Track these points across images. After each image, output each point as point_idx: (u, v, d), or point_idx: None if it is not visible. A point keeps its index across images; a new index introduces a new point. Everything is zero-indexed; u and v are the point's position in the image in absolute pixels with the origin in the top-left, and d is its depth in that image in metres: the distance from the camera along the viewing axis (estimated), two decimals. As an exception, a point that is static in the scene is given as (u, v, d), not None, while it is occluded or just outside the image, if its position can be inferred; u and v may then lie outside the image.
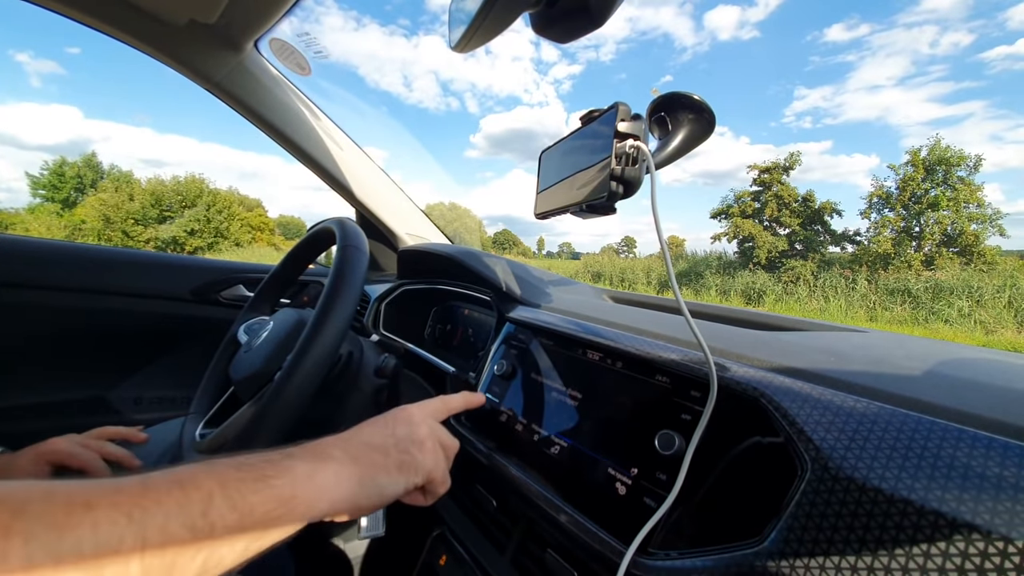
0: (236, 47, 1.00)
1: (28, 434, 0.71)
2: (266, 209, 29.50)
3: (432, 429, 0.47)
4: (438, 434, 0.47)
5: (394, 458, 0.41)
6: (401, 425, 0.44)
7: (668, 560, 0.40)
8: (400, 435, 0.43)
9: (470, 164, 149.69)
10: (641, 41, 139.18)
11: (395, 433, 0.43)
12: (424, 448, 0.44)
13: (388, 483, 0.40)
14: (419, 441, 0.44)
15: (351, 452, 0.39)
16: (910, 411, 0.36)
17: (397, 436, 0.43)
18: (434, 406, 0.51)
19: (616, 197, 0.43)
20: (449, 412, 0.53)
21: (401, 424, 0.44)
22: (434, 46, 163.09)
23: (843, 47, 64.95)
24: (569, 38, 0.36)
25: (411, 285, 1.08)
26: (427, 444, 0.44)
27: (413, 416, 0.46)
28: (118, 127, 79.45)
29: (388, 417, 0.45)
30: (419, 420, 0.46)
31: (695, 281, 15.36)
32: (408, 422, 0.45)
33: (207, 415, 0.69)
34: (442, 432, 0.48)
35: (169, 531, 0.26)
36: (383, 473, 0.39)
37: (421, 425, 0.45)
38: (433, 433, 0.46)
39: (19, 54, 75.77)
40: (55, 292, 1.10)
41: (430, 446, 0.44)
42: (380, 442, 0.42)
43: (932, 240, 14.23)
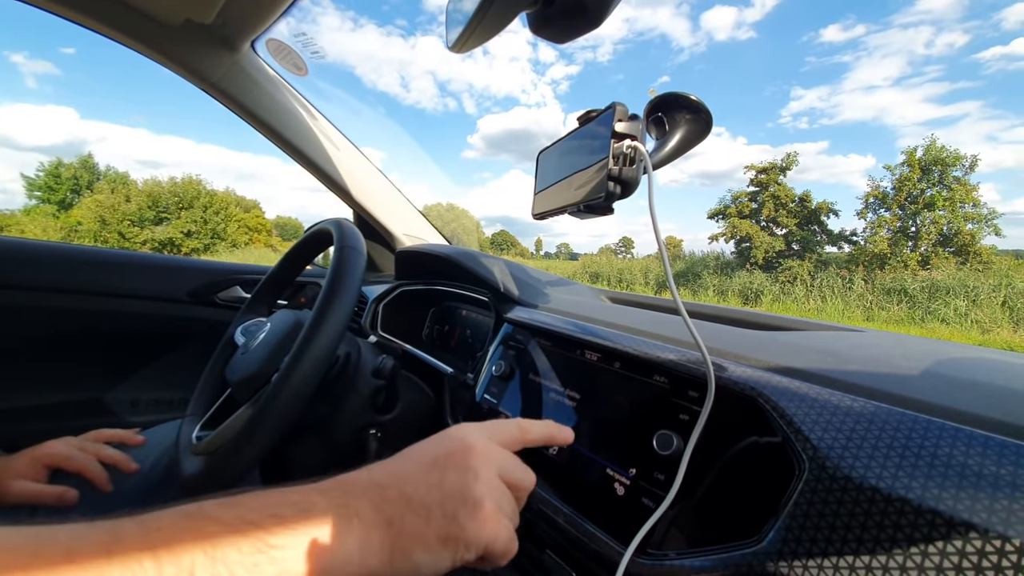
0: (233, 47, 1.00)
1: (24, 436, 0.71)
2: (263, 210, 29.44)
3: (497, 471, 0.34)
4: (506, 473, 0.34)
5: (437, 525, 0.29)
6: (453, 472, 0.32)
7: (667, 560, 0.40)
8: (449, 489, 0.31)
9: (468, 165, 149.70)
10: (638, 42, 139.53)
11: (443, 485, 0.31)
12: (479, 514, 0.31)
13: (426, 559, 0.29)
14: (474, 502, 0.31)
15: (385, 511, 0.29)
16: (907, 410, 0.36)
17: (445, 490, 0.31)
18: (508, 433, 0.38)
19: (614, 197, 0.43)
20: (525, 444, 0.39)
21: (453, 471, 0.32)
22: (431, 46, 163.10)
23: (839, 48, 65.26)
24: (566, 38, 0.36)
25: (409, 286, 1.08)
26: (485, 508, 0.31)
27: (471, 457, 0.33)
28: (114, 128, 79.26)
29: (438, 450, 0.33)
30: (479, 463, 0.33)
31: (693, 281, 15.40)
32: (463, 468, 0.32)
33: (204, 417, 0.69)
34: (512, 468, 0.35)
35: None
36: (420, 546, 0.29)
37: (481, 472, 0.32)
38: (497, 480, 0.33)
39: (14, 55, 75.51)
40: (51, 294, 1.10)
41: (491, 509, 0.31)
42: (422, 497, 0.30)
43: (928, 240, 14.31)
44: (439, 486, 0.31)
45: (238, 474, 0.52)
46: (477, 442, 0.34)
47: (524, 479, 0.36)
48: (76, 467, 0.61)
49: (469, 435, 0.35)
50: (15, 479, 0.57)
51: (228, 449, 0.52)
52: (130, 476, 0.63)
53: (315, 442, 0.75)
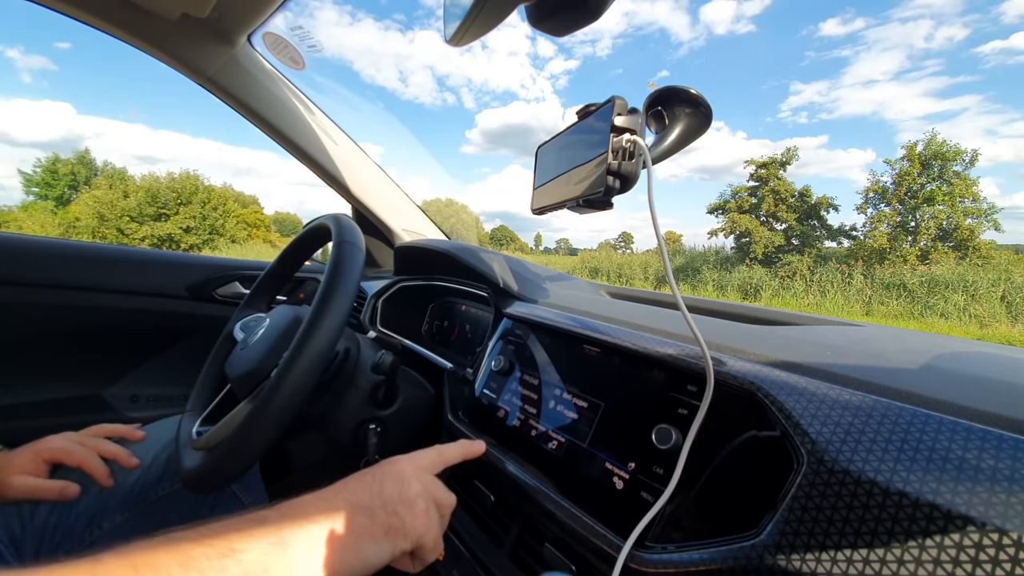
0: (229, 41, 0.99)
1: (25, 432, 0.71)
2: (261, 206, 29.39)
3: (425, 486, 0.42)
4: (432, 491, 0.43)
5: (381, 521, 0.37)
6: (390, 482, 0.40)
7: (665, 553, 0.41)
8: (388, 494, 0.39)
9: (467, 160, 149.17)
10: (637, 36, 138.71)
11: (382, 492, 0.39)
12: (415, 510, 0.39)
13: (373, 551, 0.36)
14: (409, 501, 0.39)
15: (335, 518, 0.35)
16: (905, 404, 0.36)
17: (384, 496, 0.39)
18: (428, 458, 0.47)
19: (613, 192, 0.43)
20: (445, 464, 0.49)
21: (390, 481, 0.40)
22: (430, 41, 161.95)
23: (838, 42, 64.93)
24: (565, 31, 0.36)
25: (408, 282, 1.07)
26: (418, 504, 0.40)
27: (404, 472, 0.42)
28: (111, 123, 78.94)
29: (376, 472, 0.41)
30: (410, 476, 0.42)
31: (692, 276, 15.41)
32: (399, 479, 0.41)
33: (204, 412, 0.69)
34: (437, 488, 0.44)
35: None
36: (367, 538, 0.36)
37: (412, 482, 0.41)
38: (426, 491, 0.42)
39: (9, 50, 74.97)
40: (50, 290, 1.09)
41: (422, 507, 0.40)
42: (366, 502, 0.38)
43: (928, 235, 14.31)
44: (379, 493, 0.39)
45: (238, 469, 0.52)
46: (405, 464, 0.43)
47: (446, 498, 0.45)
48: (76, 462, 0.61)
49: (398, 460, 0.44)
50: (16, 474, 0.58)
51: (228, 444, 0.52)
52: (130, 471, 0.63)
53: (315, 437, 0.76)
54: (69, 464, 0.61)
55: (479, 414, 0.70)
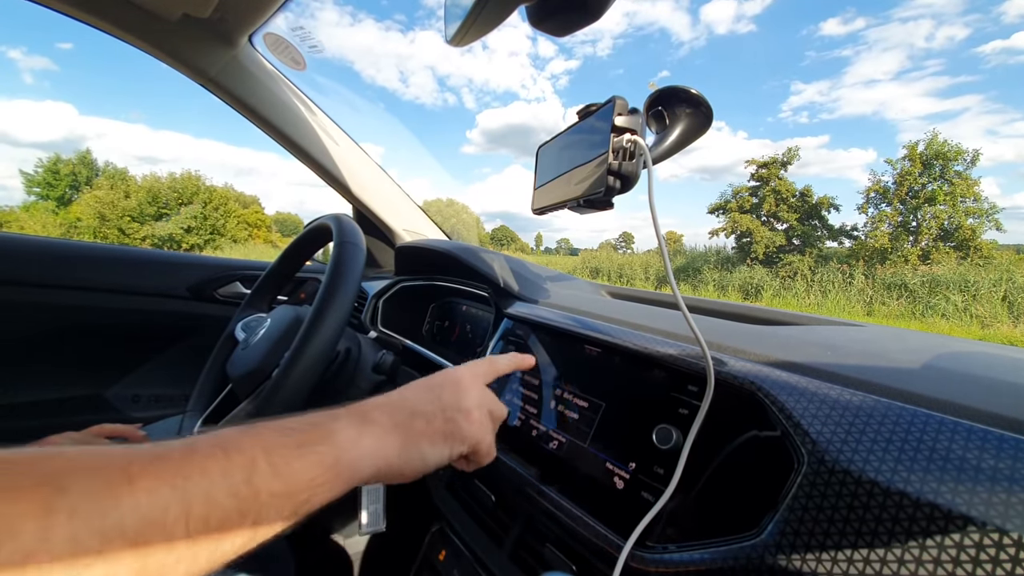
0: (230, 42, 0.99)
1: (26, 432, 0.71)
2: (262, 206, 29.38)
3: (481, 396, 0.45)
4: (486, 400, 0.45)
5: (439, 426, 0.40)
6: (448, 390, 0.42)
7: (666, 553, 0.41)
8: (447, 402, 0.41)
9: (467, 160, 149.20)
10: (638, 36, 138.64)
11: (441, 399, 0.41)
12: (471, 417, 0.42)
13: (432, 452, 0.39)
14: (466, 410, 0.42)
15: (396, 417, 0.38)
16: (906, 404, 0.36)
17: (444, 403, 0.41)
18: (483, 368, 0.48)
19: (613, 192, 0.43)
20: (497, 374, 0.51)
21: (448, 389, 0.43)
22: (430, 41, 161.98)
23: (839, 42, 64.79)
24: (565, 32, 0.36)
25: (409, 282, 1.08)
26: (474, 414, 0.42)
27: (462, 381, 0.44)
28: (112, 124, 78.94)
29: (437, 381, 0.44)
30: (468, 386, 0.44)
31: (693, 276, 15.39)
32: (456, 387, 0.43)
33: (205, 412, 0.69)
34: (490, 399, 0.46)
35: (214, 499, 0.26)
36: (427, 441, 0.38)
37: (470, 391, 0.43)
38: (481, 401, 0.44)
39: (11, 50, 75.13)
40: (52, 290, 1.10)
41: (477, 416, 0.42)
42: (426, 408, 0.40)
43: (929, 235, 14.28)
44: (438, 400, 0.41)
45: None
46: (464, 373, 0.46)
47: (498, 409, 0.47)
48: None
49: (457, 370, 0.46)
50: None
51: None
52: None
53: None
54: None
55: (480, 414, 0.70)
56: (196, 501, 0.25)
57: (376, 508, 0.67)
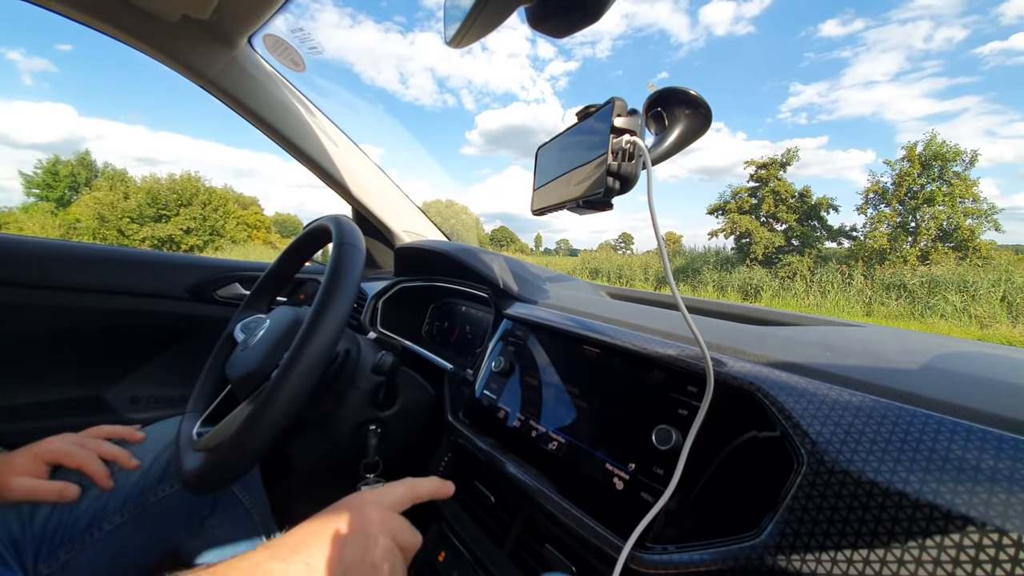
0: (230, 43, 0.99)
1: (24, 433, 0.71)
2: (262, 207, 29.39)
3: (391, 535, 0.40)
4: (398, 537, 0.41)
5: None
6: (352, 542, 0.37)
7: (666, 554, 0.41)
8: (350, 559, 0.36)
9: (467, 161, 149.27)
10: (637, 38, 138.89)
11: (343, 555, 0.36)
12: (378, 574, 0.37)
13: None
14: (372, 565, 0.37)
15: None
16: (905, 404, 0.36)
17: (345, 561, 0.36)
18: (397, 496, 0.45)
19: (613, 193, 0.43)
20: (415, 501, 0.47)
21: (352, 541, 0.38)
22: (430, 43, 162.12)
23: (838, 43, 64.94)
24: (565, 33, 0.36)
25: (408, 282, 1.08)
26: (383, 569, 0.37)
27: (369, 524, 0.39)
28: (112, 125, 79.03)
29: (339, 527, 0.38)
30: (376, 528, 0.39)
31: (692, 277, 15.39)
32: (363, 536, 0.38)
33: (204, 414, 0.69)
34: (402, 531, 0.42)
35: None
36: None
37: (378, 538, 0.39)
38: (391, 545, 0.40)
39: (11, 52, 75.14)
40: (50, 291, 1.09)
41: (386, 571, 0.38)
42: (325, 568, 0.35)
43: (928, 235, 14.30)
44: (340, 557, 0.36)
45: (238, 470, 0.52)
46: (373, 512, 0.40)
47: (412, 541, 0.42)
48: (76, 463, 0.61)
49: (366, 504, 0.41)
50: (16, 476, 0.57)
51: (229, 445, 0.52)
52: (130, 472, 0.63)
53: (315, 438, 0.76)
54: (69, 466, 0.61)
55: (479, 415, 0.70)
56: None
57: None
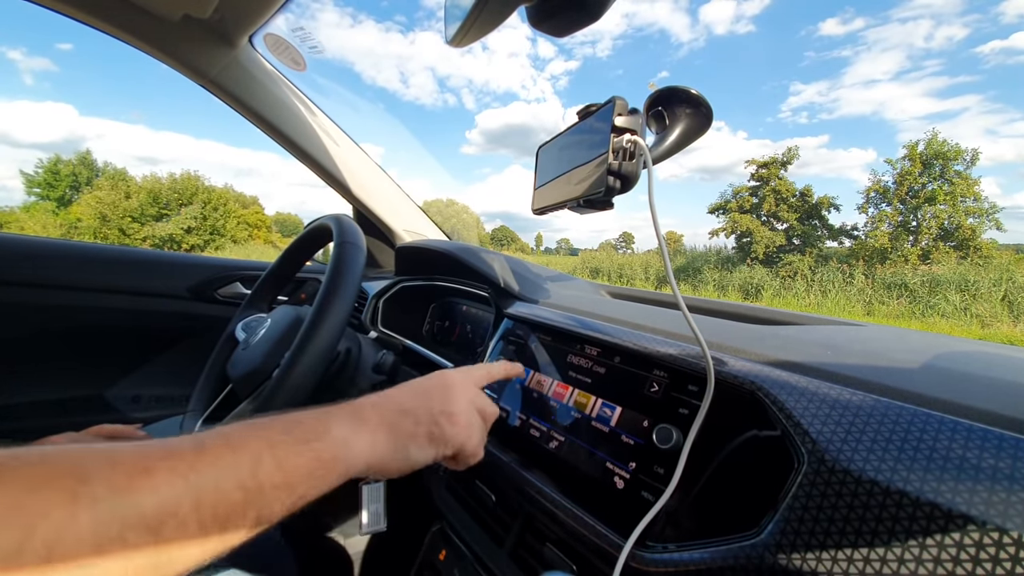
0: (230, 42, 0.99)
1: (26, 432, 0.71)
2: (263, 206, 29.39)
3: (470, 400, 0.46)
4: (476, 403, 0.47)
5: (424, 429, 0.41)
6: (437, 394, 0.44)
7: (666, 553, 0.41)
8: (434, 405, 0.43)
9: (467, 160, 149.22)
10: (637, 37, 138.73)
11: (430, 401, 0.43)
12: (456, 421, 0.43)
13: (417, 452, 0.41)
14: (452, 414, 0.43)
15: (387, 418, 0.40)
16: (906, 403, 0.36)
17: (431, 405, 0.43)
18: (477, 374, 0.51)
19: (613, 192, 0.43)
20: (491, 379, 0.53)
21: (438, 392, 0.44)
22: (431, 42, 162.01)
23: (838, 42, 64.76)
24: (565, 32, 0.36)
25: (409, 282, 1.08)
26: (460, 418, 0.44)
27: (453, 384, 0.46)
28: (112, 124, 79.09)
29: (428, 383, 0.45)
30: (457, 389, 0.46)
31: (693, 276, 15.39)
32: (445, 391, 0.45)
33: (205, 412, 0.69)
34: (481, 400, 0.48)
35: (223, 492, 0.28)
36: (413, 442, 0.41)
37: (459, 395, 0.45)
38: (470, 404, 0.46)
39: (11, 51, 75.21)
40: (52, 290, 1.10)
41: (464, 420, 0.44)
42: (415, 410, 0.42)
43: (929, 234, 14.27)
44: (427, 403, 0.43)
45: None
46: (455, 377, 0.47)
47: (489, 409, 0.48)
48: None
49: (449, 373, 0.48)
50: None
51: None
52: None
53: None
54: None
55: (480, 414, 0.70)
56: (207, 493, 0.27)
57: (377, 508, 0.67)
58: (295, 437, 0.34)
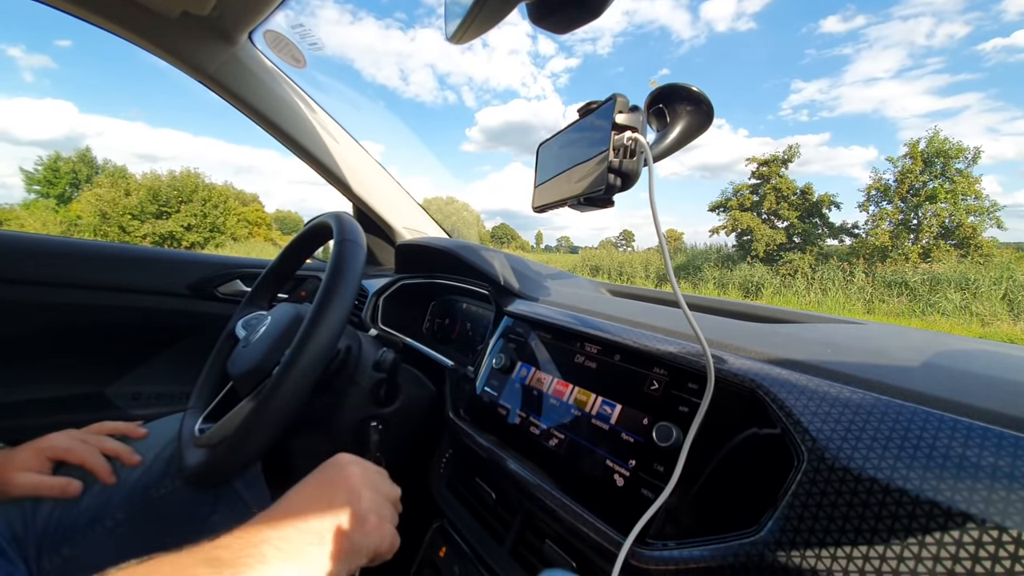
0: (230, 39, 0.99)
1: (26, 430, 0.71)
2: (263, 204, 29.37)
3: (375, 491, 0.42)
4: (381, 491, 0.43)
5: (332, 545, 0.37)
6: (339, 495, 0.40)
7: (666, 550, 0.41)
8: (337, 510, 0.39)
9: (467, 158, 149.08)
10: (638, 34, 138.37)
11: (331, 508, 0.39)
12: (366, 527, 0.39)
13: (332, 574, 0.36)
14: (360, 517, 0.39)
15: (286, 550, 0.35)
16: (906, 402, 0.36)
17: (333, 512, 0.38)
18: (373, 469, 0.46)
19: (614, 190, 0.43)
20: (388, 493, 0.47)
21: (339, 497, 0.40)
22: (431, 39, 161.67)
23: (839, 39, 64.66)
24: (566, 29, 0.36)
25: (409, 280, 1.08)
26: (370, 520, 0.39)
27: (352, 479, 0.41)
28: (112, 122, 79.02)
29: (325, 482, 0.41)
30: (359, 483, 0.41)
31: (693, 274, 15.38)
32: (347, 490, 0.40)
33: (206, 410, 0.69)
34: (384, 486, 0.44)
35: None
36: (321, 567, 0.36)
37: (362, 491, 0.41)
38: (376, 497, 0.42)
39: (11, 48, 75.05)
40: (52, 288, 1.09)
41: (374, 521, 0.40)
42: (314, 524, 0.37)
43: (930, 232, 14.25)
44: (328, 510, 0.38)
45: (240, 466, 0.52)
46: (355, 468, 0.42)
47: (391, 493, 0.45)
48: (78, 459, 0.61)
49: (347, 466, 0.43)
50: (18, 472, 0.58)
51: (230, 441, 0.52)
52: (132, 468, 0.64)
53: (316, 435, 0.76)
54: (71, 462, 0.61)
55: (480, 412, 0.70)
56: None
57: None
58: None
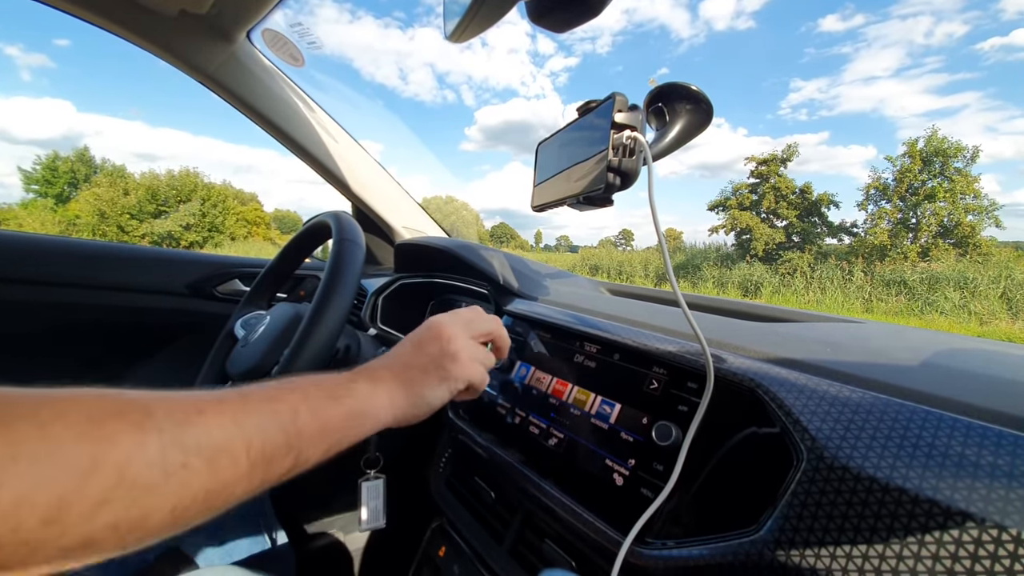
0: (228, 38, 0.98)
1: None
2: (261, 203, 29.35)
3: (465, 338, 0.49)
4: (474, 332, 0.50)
5: (432, 375, 0.46)
6: (434, 343, 0.48)
7: (665, 549, 0.41)
8: (433, 354, 0.47)
9: (466, 157, 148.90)
10: (637, 33, 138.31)
11: (430, 351, 0.47)
12: (458, 360, 0.47)
13: (433, 395, 0.45)
14: (452, 354, 0.47)
15: (397, 374, 0.44)
16: (905, 400, 0.36)
17: (430, 355, 0.47)
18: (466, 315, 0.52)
19: (613, 189, 0.43)
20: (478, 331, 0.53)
21: (434, 342, 0.48)
22: (430, 38, 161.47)
23: (838, 38, 64.60)
24: (565, 27, 0.36)
25: (408, 279, 1.07)
26: (462, 355, 0.47)
27: (443, 331, 0.49)
28: (111, 121, 78.86)
29: (423, 334, 0.49)
30: (451, 332, 0.49)
31: (692, 273, 15.39)
32: (438, 339, 0.48)
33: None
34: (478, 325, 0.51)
35: (267, 433, 0.32)
36: (426, 389, 0.45)
37: (453, 338, 0.48)
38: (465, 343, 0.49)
39: (9, 47, 74.85)
40: (50, 287, 1.09)
41: (465, 356, 0.48)
42: (418, 362, 0.46)
43: (928, 231, 14.27)
44: (427, 352, 0.47)
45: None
46: (445, 320, 0.50)
47: (487, 326, 0.52)
48: None
49: (440, 322, 0.50)
50: None
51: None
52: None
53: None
54: None
55: (480, 411, 0.70)
56: (254, 434, 0.31)
57: (376, 504, 0.68)
58: (326, 392, 0.38)
